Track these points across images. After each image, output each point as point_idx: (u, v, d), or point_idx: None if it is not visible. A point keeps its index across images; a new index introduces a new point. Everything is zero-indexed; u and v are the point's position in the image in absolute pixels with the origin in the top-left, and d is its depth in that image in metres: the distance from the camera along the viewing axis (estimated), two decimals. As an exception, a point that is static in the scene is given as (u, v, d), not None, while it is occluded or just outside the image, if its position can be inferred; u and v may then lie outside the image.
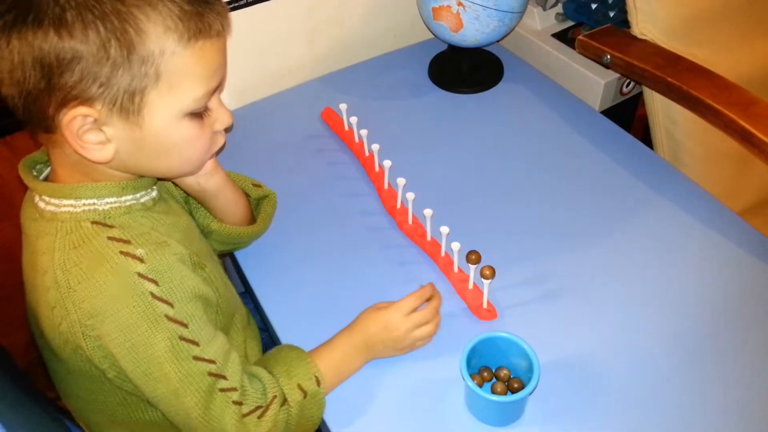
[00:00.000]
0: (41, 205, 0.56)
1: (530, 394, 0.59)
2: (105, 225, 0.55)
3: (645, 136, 1.05)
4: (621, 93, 1.06)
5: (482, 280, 0.68)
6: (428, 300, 0.68)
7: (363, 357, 0.66)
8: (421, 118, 0.97)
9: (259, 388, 0.59)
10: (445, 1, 0.91)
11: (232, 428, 0.57)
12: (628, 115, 1.14)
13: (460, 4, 0.90)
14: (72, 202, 0.55)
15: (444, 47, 1.06)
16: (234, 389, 0.57)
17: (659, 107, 0.96)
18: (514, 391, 0.62)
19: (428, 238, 0.77)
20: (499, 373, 0.64)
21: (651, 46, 0.92)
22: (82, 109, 0.50)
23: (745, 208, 0.97)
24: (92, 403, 0.63)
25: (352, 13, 1.05)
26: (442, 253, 0.76)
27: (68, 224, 0.54)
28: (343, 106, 0.90)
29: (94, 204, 0.55)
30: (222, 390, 0.56)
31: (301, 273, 0.76)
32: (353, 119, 0.89)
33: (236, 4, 0.92)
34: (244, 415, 0.57)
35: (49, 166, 0.61)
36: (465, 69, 1.03)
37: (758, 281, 0.74)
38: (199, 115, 0.56)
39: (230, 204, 0.73)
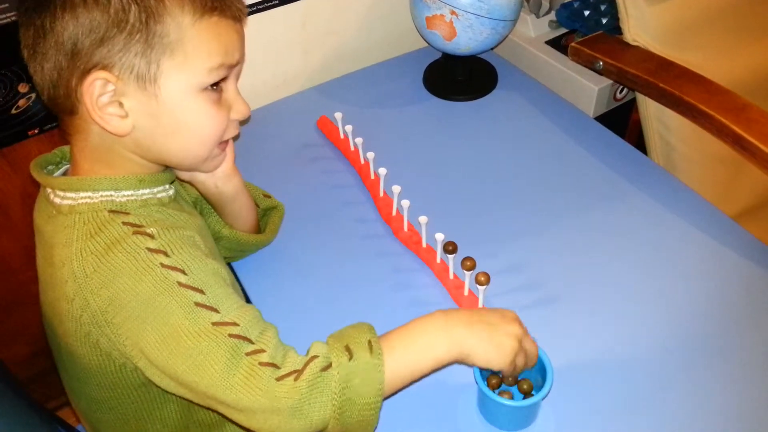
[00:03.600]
0: (57, 200, 0.57)
1: (544, 398, 0.59)
2: (121, 213, 0.56)
3: (639, 141, 1.06)
4: (615, 99, 1.07)
5: (477, 286, 0.68)
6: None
7: (448, 337, 0.54)
8: (416, 125, 0.98)
9: (303, 357, 0.52)
10: (438, 10, 0.91)
11: (257, 392, 0.49)
12: (622, 121, 1.15)
13: (453, 12, 0.91)
14: (90, 194, 0.56)
15: (438, 55, 1.07)
16: (262, 350, 0.51)
17: (652, 113, 0.97)
18: (524, 392, 0.63)
19: (423, 245, 0.78)
20: (506, 378, 0.64)
21: (643, 52, 0.92)
22: (101, 74, 0.52)
23: (740, 212, 0.97)
24: (104, 402, 0.62)
25: (347, 23, 1.06)
26: (438, 260, 0.76)
27: (86, 215, 0.55)
28: (338, 115, 0.91)
29: (111, 196, 0.56)
30: (248, 354, 0.50)
31: (296, 281, 0.77)
32: (348, 128, 0.89)
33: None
34: (278, 378, 0.50)
35: (60, 167, 0.62)
36: (459, 77, 1.04)
37: (753, 285, 0.74)
38: (214, 93, 0.57)
39: (243, 210, 0.74)
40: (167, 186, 0.62)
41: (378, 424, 0.55)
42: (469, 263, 0.68)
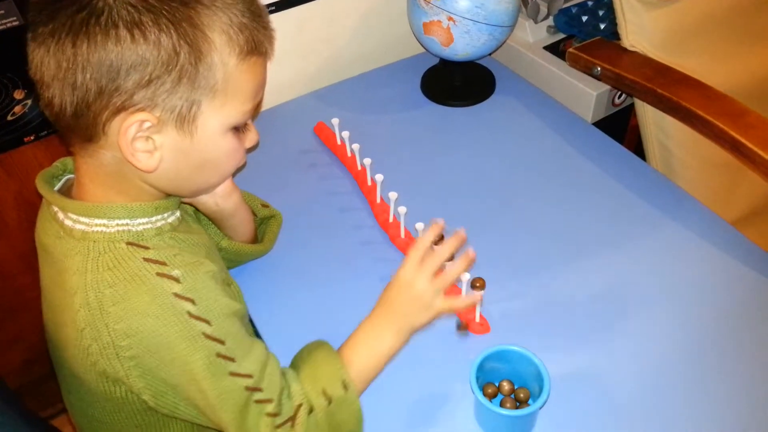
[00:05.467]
0: (68, 223, 0.55)
1: (541, 407, 0.59)
2: (140, 246, 0.54)
3: (637, 146, 1.06)
4: (613, 104, 1.06)
5: (473, 292, 0.68)
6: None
7: (393, 330, 0.63)
8: (414, 131, 0.97)
9: (291, 397, 0.59)
10: (435, 16, 0.91)
11: None
12: (620, 126, 1.14)
13: (450, 18, 0.90)
14: (105, 221, 0.54)
15: (436, 61, 1.06)
16: (269, 400, 0.56)
17: (651, 118, 0.96)
18: (521, 401, 0.62)
19: (421, 251, 0.77)
20: (502, 387, 0.64)
21: (641, 57, 0.92)
22: (142, 115, 0.50)
23: (738, 217, 0.97)
24: (106, 424, 0.62)
25: (344, 29, 1.06)
26: (435, 267, 0.75)
27: (101, 245, 0.54)
28: (335, 121, 0.91)
29: (127, 224, 0.55)
30: (257, 402, 0.56)
31: (293, 287, 0.76)
32: (345, 133, 0.89)
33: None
34: (278, 426, 0.57)
35: (61, 179, 0.60)
36: (457, 82, 1.03)
37: (752, 290, 0.73)
38: (239, 129, 0.57)
39: (242, 223, 0.73)
40: (175, 209, 0.61)
41: None
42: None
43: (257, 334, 0.73)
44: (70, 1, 0.48)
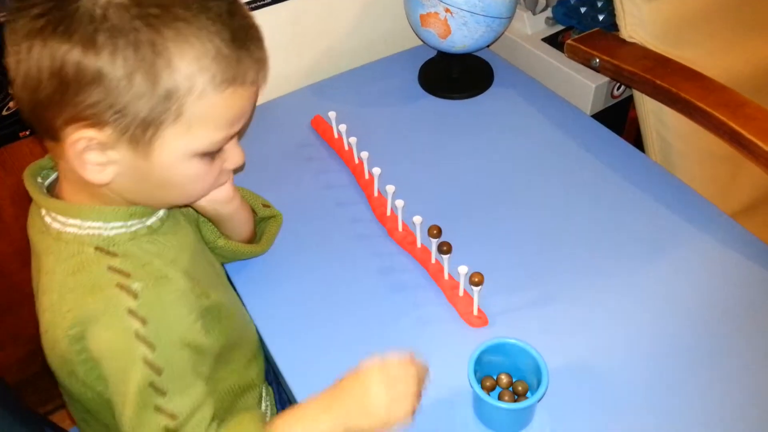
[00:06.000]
0: (48, 219, 0.54)
1: (539, 400, 0.59)
2: (108, 253, 0.53)
3: (636, 138, 1.05)
4: (612, 96, 1.06)
5: (471, 286, 0.67)
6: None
7: (338, 426, 0.56)
8: (411, 124, 0.97)
9: None
10: (432, 8, 0.91)
11: None
12: (619, 118, 1.14)
13: (447, 10, 0.90)
14: (78, 222, 0.53)
15: (433, 53, 1.06)
16: None
17: (650, 110, 0.96)
18: (519, 394, 0.62)
19: (418, 245, 0.77)
20: (501, 380, 0.63)
21: (640, 49, 0.92)
22: (90, 132, 0.48)
23: (738, 209, 0.97)
24: (98, 421, 0.63)
25: (341, 21, 1.05)
26: (432, 260, 0.75)
27: (71, 247, 0.53)
28: (332, 114, 0.90)
29: (99, 228, 0.53)
30: None
31: (290, 282, 0.76)
32: (342, 127, 0.89)
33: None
34: None
35: (55, 171, 0.59)
36: (455, 75, 1.03)
37: (751, 282, 0.73)
38: (210, 154, 0.54)
39: (241, 224, 0.72)
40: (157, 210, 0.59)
41: None
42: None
43: (254, 326, 0.73)
44: (37, 1, 0.46)
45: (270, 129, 0.96)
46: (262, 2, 0.95)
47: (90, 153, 0.49)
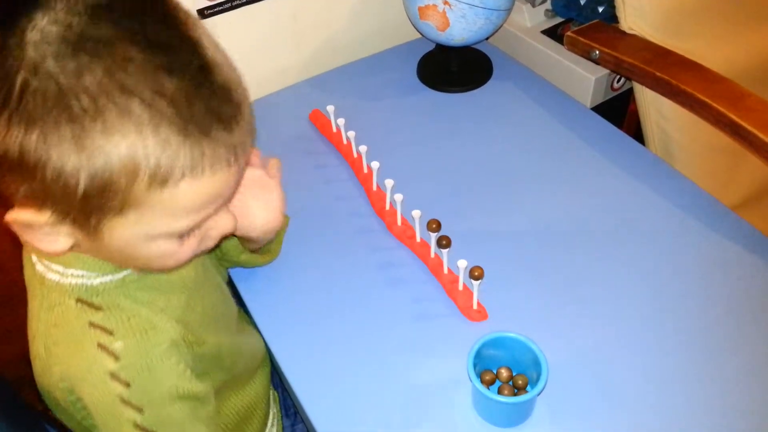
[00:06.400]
0: (34, 259, 0.52)
1: (539, 394, 0.59)
2: (91, 306, 0.49)
3: (637, 131, 1.05)
4: (612, 89, 1.05)
5: (471, 280, 0.67)
6: None
7: None
8: (410, 118, 0.96)
9: None
10: (431, 0, 0.90)
11: None
12: (619, 111, 1.13)
13: (446, 2, 0.89)
14: (60, 269, 0.49)
15: (432, 46, 1.05)
16: None
17: (650, 102, 0.95)
18: (518, 388, 0.62)
19: (417, 239, 0.76)
20: (500, 374, 0.63)
21: (640, 40, 0.91)
22: (29, 215, 0.43)
23: (738, 202, 0.96)
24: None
25: (339, 14, 1.05)
26: (432, 255, 0.75)
27: (53, 296, 0.50)
28: (330, 108, 0.90)
29: (83, 276, 0.49)
30: None
31: (289, 276, 0.76)
32: (341, 121, 0.88)
33: (221, 8, 0.92)
34: None
35: None
36: (453, 68, 1.02)
37: (753, 276, 0.73)
38: (179, 234, 0.47)
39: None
40: None
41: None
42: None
43: (252, 320, 0.73)
44: None
45: (268, 123, 0.96)
46: (259, -5, 0.94)
47: (40, 228, 0.44)
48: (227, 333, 0.63)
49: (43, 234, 0.45)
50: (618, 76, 1.03)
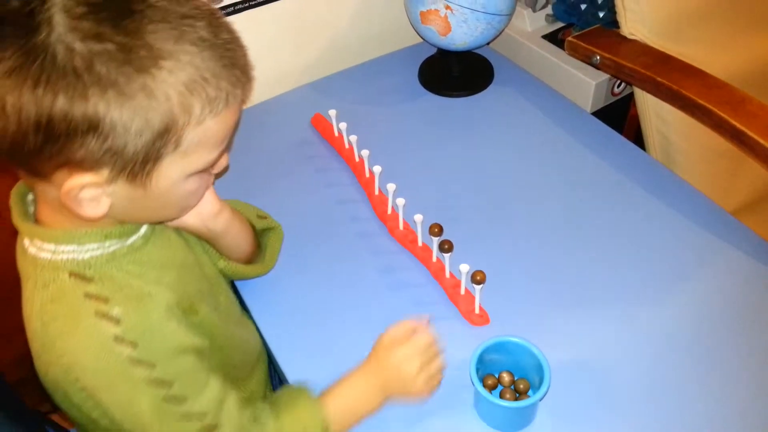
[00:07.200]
0: (26, 243, 0.53)
1: (541, 399, 0.59)
2: (83, 278, 0.51)
3: (637, 136, 1.05)
4: (612, 94, 1.06)
5: (473, 285, 0.67)
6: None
7: (378, 390, 0.62)
8: (411, 122, 0.97)
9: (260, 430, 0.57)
10: (432, 5, 0.90)
11: None
12: (620, 116, 1.14)
13: (447, 7, 0.89)
14: (52, 247, 0.51)
15: (433, 51, 1.05)
16: None
17: (650, 107, 0.96)
18: (521, 393, 0.62)
19: (419, 243, 0.77)
20: (502, 379, 0.63)
21: (640, 46, 0.91)
22: (87, 177, 0.46)
23: (738, 207, 0.97)
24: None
25: (340, 19, 1.05)
26: (434, 259, 0.75)
27: (46, 273, 0.51)
28: (332, 112, 0.90)
29: (73, 252, 0.51)
30: None
31: (291, 279, 0.76)
32: (343, 125, 0.88)
33: (223, 12, 0.92)
34: None
35: None
36: (455, 72, 1.02)
37: (752, 280, 0.73)
38: (204, 170, 0.53)
39: (238, 239, 0.69)
40: (139, 228, 0.56)
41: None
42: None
43: (255, 325, 0.73)
44: (20, 31, 0.42)
45: (270, 127, 0.96)
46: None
47: (84, 192, 0.47)
48: (217, 305, 0.64)
49: (89, 199, 0.48)
50: (618, 81, 1.03)
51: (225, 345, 0.63)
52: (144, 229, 0.56)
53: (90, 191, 0.48)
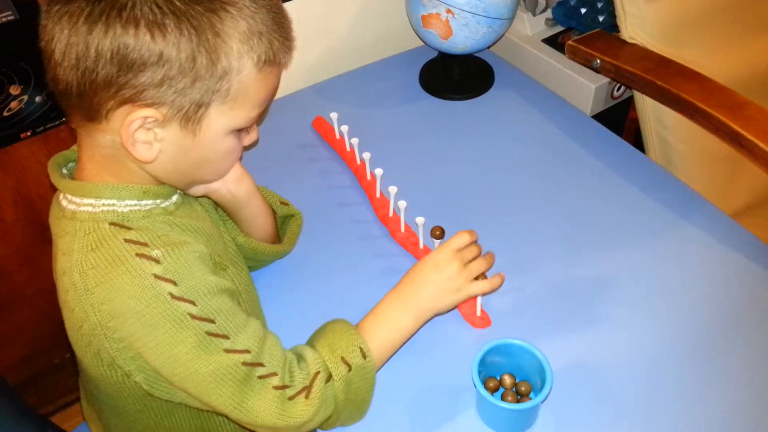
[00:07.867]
0: (64, 203, 0.56)
1: (543, 401, 0.59)
2: (123, 227, 0.54)
3: (637, 139, 1.06)
4: (612, 97, 1.06)
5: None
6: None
7: (413, 311, 0.64)
8: (413, 125, 0.97)
9: (304, 368, 0.58)
10: (434, 9, 0.91)
11: (274, 414, 0.55)
12: (619, 119, 1.14)
13: (449, 11, 0.90)
14: (92, 201, 0.54)
15: (434, 54, 1.06)
16: (274, 374, 0.56)
17: (650, 111, 0.96)
18: (522, 395, 0.62)
19: (421, 245, 0.77)
20: (504, 381, 0.64)
21: (640, 49, 0.92)
22: (148, 111, 0.50)
23: (738, 209, 0.97)
24: (113, 408, 0.63)
25: (341, 22, 1.06)
26: (435, 261, 0.75)
27: (87, 224, 0.54)
28: (334, 115, 0.90)
29: (113, 205, 0.55)
30: (261, 377, 0.55)
31: (293, 282, 0.76)
32: (344, 128, 0.89)
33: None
34: (290, 398, 0.56)
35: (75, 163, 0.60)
36: (456, 75, 1.03)
37: (752, 283, 0.73)
38: (241, 131, 0.57)
39: (259, 215, 0.71)
40: (172, 195, 0.60)
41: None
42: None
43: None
44: None
45: (271, 129, 0.96)
46: (263, 3, 0.95)
47: (140, 132, 0.51)
48: (240, 269, 0.66)
49: (143, 141, 0.52)
50: (618, 85, 1.04)
51: (250, 311, 0.64)
52: (176, 197, 0.60)
53: (145, 133, 0.51)
